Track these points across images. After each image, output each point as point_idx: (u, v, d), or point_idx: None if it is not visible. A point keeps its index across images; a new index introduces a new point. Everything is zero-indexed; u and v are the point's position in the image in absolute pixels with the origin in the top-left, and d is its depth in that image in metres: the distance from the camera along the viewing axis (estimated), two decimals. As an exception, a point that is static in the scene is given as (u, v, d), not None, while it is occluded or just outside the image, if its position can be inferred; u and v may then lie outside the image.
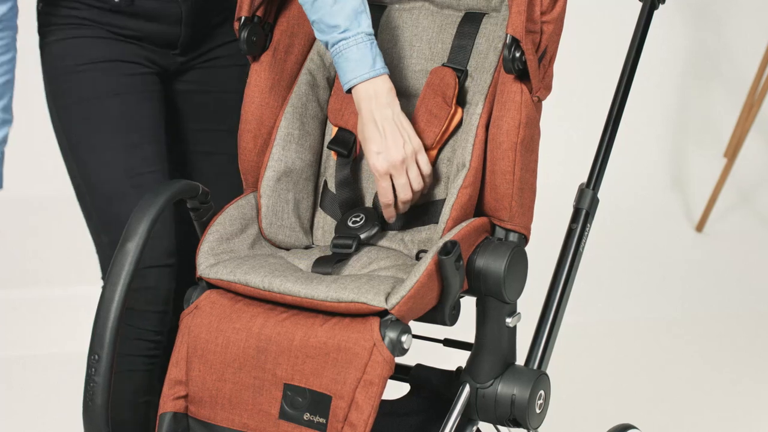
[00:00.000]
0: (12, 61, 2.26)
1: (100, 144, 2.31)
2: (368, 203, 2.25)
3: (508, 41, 2.05)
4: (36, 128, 3.49)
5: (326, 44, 2.12)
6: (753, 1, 4.85)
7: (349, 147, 2.24)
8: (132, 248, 2.02)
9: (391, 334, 1.93)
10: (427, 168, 2.13)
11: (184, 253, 2.32)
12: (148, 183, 2.28)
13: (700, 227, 4.59)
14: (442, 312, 2.02)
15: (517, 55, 2.05)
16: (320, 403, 1.96)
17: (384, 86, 2.10)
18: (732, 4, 4.87)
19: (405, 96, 2.28)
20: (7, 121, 2.27)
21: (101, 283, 2.37)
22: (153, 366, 2.32)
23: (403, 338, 1.94)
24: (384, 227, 2.22)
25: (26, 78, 2.80)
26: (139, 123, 2.34)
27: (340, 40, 2.10)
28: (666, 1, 2.37)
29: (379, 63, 2.10)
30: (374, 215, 2.20)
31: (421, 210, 2.21)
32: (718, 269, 4.36)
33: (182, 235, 2.35)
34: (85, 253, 2.74)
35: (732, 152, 4.47)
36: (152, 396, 2.33)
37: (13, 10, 2.24)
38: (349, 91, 2.12)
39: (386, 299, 1.95)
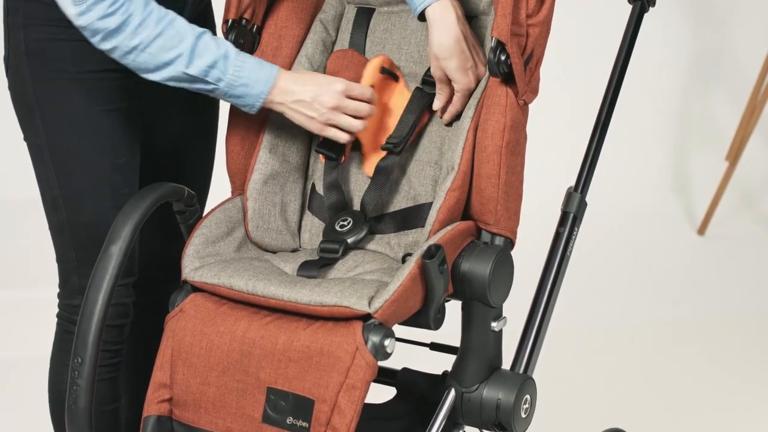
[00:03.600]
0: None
1: (89, 161, 2.22)
2: (356, 206, 2.25)
3: (493, 44, 2.04)
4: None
5: None
6: (756, 3, 4.84)
7: (337, 150, 2.23)
8: (116, 251, 2.01)
9: (374, 338, 1.93)
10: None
11: (168, 256, 2.32)
12: None
13: (702, 230, 4.57)
14: (427, 316, 2.01)
15: (503, 58, 2.04)
16: (303, 407, 1.95)
17: (454, 2, 2.13)
18: (735, 6, 4.86)
19: (393, 99, 2.28)
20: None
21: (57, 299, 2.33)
22: (115, 373, 2.30)
23: (386, 342, 1.93)
24: (371, 231, 2.21)
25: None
26: (128, 140, 2.26)
27: None
28: (656, 4, 2.35)
29: None
30: (362, 219, 2.20)
31: (408, 213, 2.20)
32: (720, 272, 4.35)
33: (167, 237, 2.34)
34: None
35: (734, 155, 4.46)
36: (118, 402, 2.33)
37: None
38: (422, 15, 2.13)
39: (369, 303, 1.95)
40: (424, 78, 2.23)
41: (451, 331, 2.17)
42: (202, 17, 2.34)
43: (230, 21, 2.22)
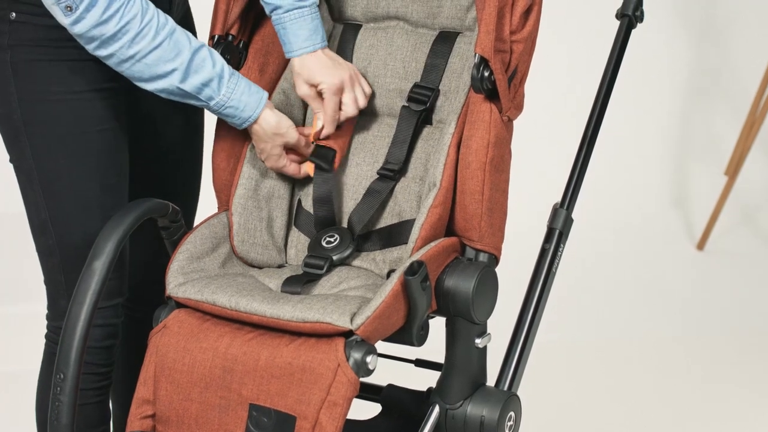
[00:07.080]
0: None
1: (78, 183, 2.19)
2: (343, 222, 2.25)
3: (476, 60, 2.04)
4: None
5: (274, 9, 2.17)
6: (756, 17, 4.84)
7: (329, 161, 2.23)
8: (99, 267, 2.01)
9: (356, 355, 1.92)
10: (368, 88, 2.25)
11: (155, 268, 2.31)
12: None
13: (701, 245, 4.56)
14: (410, 332, 2.01)
15: (486, 74, 2.04)
16: (285, 423, 1.95)
17: (328, 54, 2.20)
18: (734, 20, 4.86)
19: (379, 115, 2.28)
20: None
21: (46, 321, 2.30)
22: (104, 397, 2.28)
23: (368, 359, 1.93)
24: (357, 248, 2.21)
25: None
26: (117, 160, 2.23)
27: (295, 8, 2.15)
28: (644, 20, 2.35)
29: (321, 35, 2.19)
30: (349, 236, 2.19)
31: (393, 230, 2.20)
32: (719, 287, 4.34)
33: (154, 251, 2.33)
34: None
35: (733, 170, 4.45)
36: (106, 425, 2.32)
37: None
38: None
39: (351, 319, 1.94)
40: (410, 95, 2.23)
41: (436, 347, 2.17)
42: (184, 20, 2.34)
43: (216, 37, 2.22)
